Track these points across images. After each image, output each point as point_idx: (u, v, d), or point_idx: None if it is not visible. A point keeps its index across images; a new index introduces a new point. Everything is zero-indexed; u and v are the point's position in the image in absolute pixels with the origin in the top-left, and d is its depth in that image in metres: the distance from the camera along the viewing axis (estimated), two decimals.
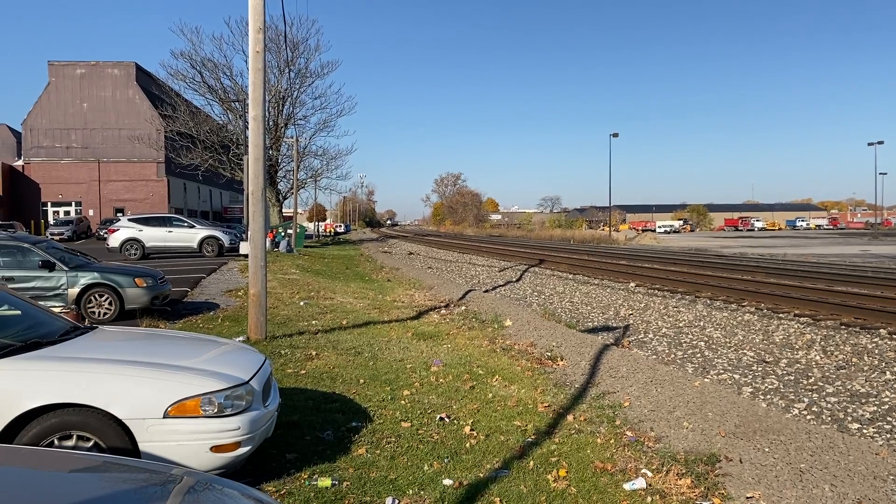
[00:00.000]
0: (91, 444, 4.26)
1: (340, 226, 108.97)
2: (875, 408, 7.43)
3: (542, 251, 40.11)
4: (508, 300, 17.93)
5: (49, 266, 12.89)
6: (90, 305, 12.62)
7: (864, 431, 6.62)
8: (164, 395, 4.37)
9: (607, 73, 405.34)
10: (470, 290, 19.67)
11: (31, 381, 4.35)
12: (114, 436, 4.27)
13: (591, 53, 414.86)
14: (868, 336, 11.39)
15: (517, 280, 23.29)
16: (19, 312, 5.60)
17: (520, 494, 4.85)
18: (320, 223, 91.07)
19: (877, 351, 10.19)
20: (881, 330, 11.97)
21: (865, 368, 9.28)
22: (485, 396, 7.55)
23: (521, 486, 5.02)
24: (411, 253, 43.46)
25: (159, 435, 4.30)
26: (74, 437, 4.27)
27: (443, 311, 15.05)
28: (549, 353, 10.39)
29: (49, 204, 60.28)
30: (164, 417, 4.32)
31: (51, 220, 57.06)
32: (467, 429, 6.35)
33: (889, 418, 7.02)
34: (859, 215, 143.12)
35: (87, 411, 4.29)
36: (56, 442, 4.25)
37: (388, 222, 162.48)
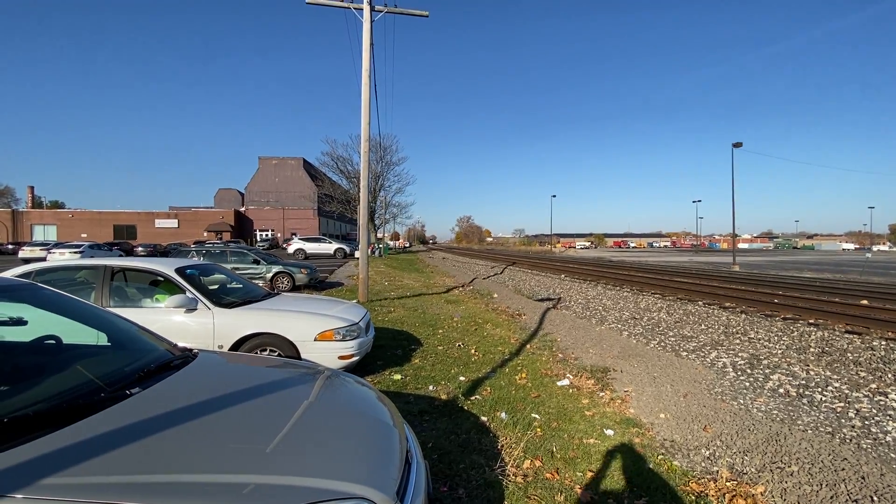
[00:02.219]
0: (276, 354, 4.33)
1: (407, 243, 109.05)
2: (695, 344, 7.27)
3: (513, 258, 39.75)
4: (495, 283, 17.85)
5: (257, 262, 13.19)
6: (277, 283, 12.83)
7: (690, 357, 6.49)
8: (315, 329, 4.44)
9: (550, 147, 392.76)
10: (475, 278, 19.59)
11: (248, 319, 4.45)
12: (288, 350, 4.35)
13: (531, 131, 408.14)
14: (692, 305, 11.15)
15: (500, 273, 23.17)
16: (241, 286, 5.73)
17: (500, 385, 4.82)
18: (396, 241, 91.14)
19: (696, 312, 9.98)
20: (699, 302, 11.72)
21: (690, 322, 9.08)
22: (482, 334, 7.51)
23: (501, 381, 4.99)
24: (444, 257, 43.37)
25: (312, 350, 4.36)
26: (268, 350, 4.35)
27: (460, 289, 15.01)
28: (517, 312, 10.31)
29: (257, 230, 61.35)
30: (314, 341, 4.39)
31: (258, 238, 58.04)
32: (473, 350, 6.33)
33: (703, 350, 6.86)
34: (688, 240, 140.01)
35: (275, 336, 4.38)
36: (258, 352, 4.34)
37: (431, 241, 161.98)
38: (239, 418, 1.73)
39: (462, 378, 5.01)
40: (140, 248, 35.55)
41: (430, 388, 4.65)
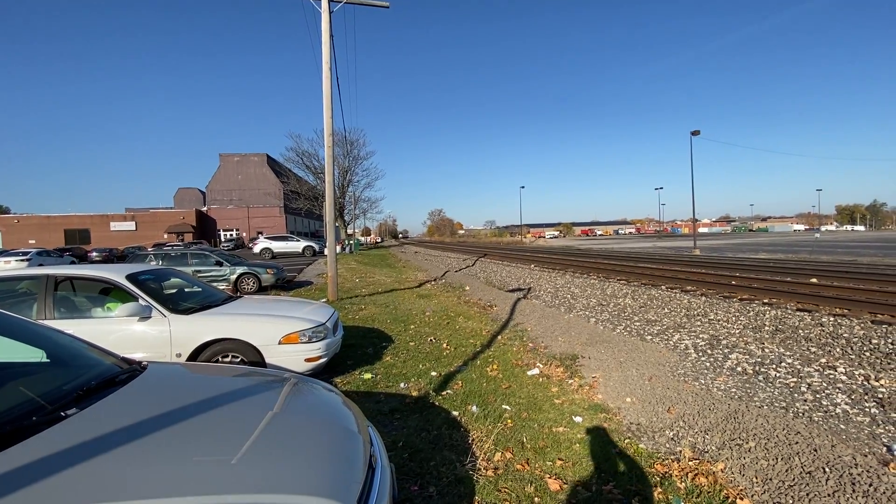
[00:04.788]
0: (239, 360, 4.18)
1: (379, 238, 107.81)
2: (659, 327, 7.49)
3: (485, 249, 39.97)
4: (467, 276, 17.88)
5: (220, 263, 12.73)
6: (242, 284, 12.43)
7: (654, 341, 6.67)
8: (279, 332, 4.31)
9: (518, 139, 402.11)
10: (447, 271, 19.59)
11: (207, 325, 4.26)
12: (252, 355, 4.20)
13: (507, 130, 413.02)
14: (656, 290, 11.47)
15: (472, 265, 23.25)
16: (200, 290, 5.50)
17: (471, 379, 4.82)
18: (367, 237, 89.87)
19: (660, 297, 10.28)
20: (662, 286, 12.10)
21: (654, 307, 9.35)
22: (454, 327, 7.51)
23: (473, 374, 5.00)
24: (416, 252, 43.15)
25: (276, 354, 4.23)
26: (230, 356, 4.19)
27: (432, 283, 14.97)
28: (488, 303, 10.36)
29: (221, 230, 59.31)
30: (278, 344, 4.26)
31: (222, 239, 56.18)
32: (445, 345, 6.32)
33: (666, 333, 7.08)
34: (651, 227, 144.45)
35: (237, 341, 4.22)
36: (220, 359, 4.17)
37: (401, 236, 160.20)
38: (187, 436, 1.63)
39: (434, 373, 4.99)
40: (94, 253, 33.74)
41: (402, 385, 4.60)
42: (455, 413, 3.86)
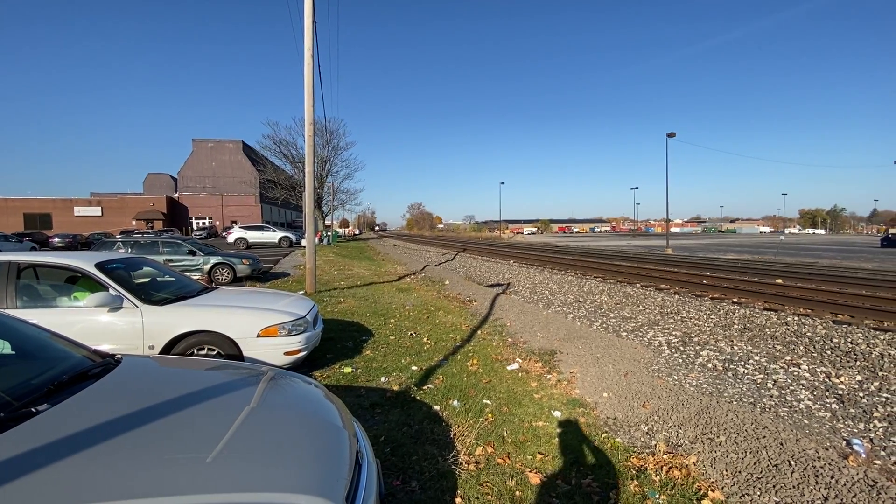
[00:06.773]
0: (215, 353, 4.07)
1: (357, 230, 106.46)
2: (634, 324, 7.66)
3: (464, 244, 40.04)
4: (446, 270, 17.89)
5: (193, 253, 12.36)
6: (216, 275, 12.10)
7: (629, 337, 6.82)
8: (257, 324, 4.21)
9: (499, 135, 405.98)
10: (426, 266, 19.55)
11: (182, 317, 4.13)
12: (229, 348, 4.10)
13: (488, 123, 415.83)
14: (632, 287, 11.73)
15: (452, 259, 23.24)
16: (174, 280, 5.32)
17: (452, 373, 4.83)
18: (345, 229, 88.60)
19: (635, 294, 10.52)
20: (637, 284, 12.39)
21: (630, 304, 9.56)
22: (434, 322, 7.50)
23: (453, 368, 5.01)
24: (395, 245, 42.90)
25: (255, 347, 4.14)
26: (206, 349, 4.08)
27: (412, 277, 14.90)
28: (468, 298, 10.40)
29: (193, 218, 57.50)
30: (257, 337, 4.16)
31: (194, 227, 54.55)
32: (425, 339, 6.30)
33: (641, 330, 7.25)
34: (626, 225, 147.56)
35: (214, 334, 4.10)
36: (195, 352, 4.06)
37: (377, 228, 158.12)
38: (168, 432, 1.57)
39: (414, 368, 4.98)
40: (57, 239, 32.22)
41: (382, 379, 4.57)
42: (436, 407, 3.87)
